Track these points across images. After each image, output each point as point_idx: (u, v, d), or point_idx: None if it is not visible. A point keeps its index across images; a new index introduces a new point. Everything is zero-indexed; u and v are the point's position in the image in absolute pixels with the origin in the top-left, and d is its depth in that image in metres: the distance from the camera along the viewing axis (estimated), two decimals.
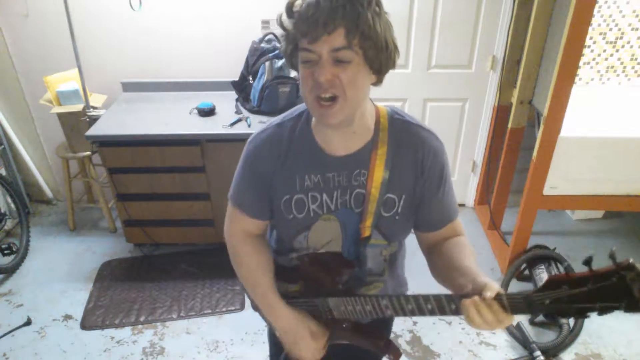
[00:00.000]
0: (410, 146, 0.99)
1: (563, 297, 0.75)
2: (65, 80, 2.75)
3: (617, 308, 0.73)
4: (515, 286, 2.58)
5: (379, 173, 0.98)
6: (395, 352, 1.10)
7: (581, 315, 0.76)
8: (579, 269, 0.76)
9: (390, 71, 0.94)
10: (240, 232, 1.12)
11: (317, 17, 0.80)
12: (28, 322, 2.39)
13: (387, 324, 1.32)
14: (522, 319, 2.35)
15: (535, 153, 2.28)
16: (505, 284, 2.50)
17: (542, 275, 2.41)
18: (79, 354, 2.24)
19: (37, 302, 2.53)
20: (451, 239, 1.06)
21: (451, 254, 1.00)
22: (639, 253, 2.86)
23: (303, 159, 1.01)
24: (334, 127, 0.94)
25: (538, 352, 2.13)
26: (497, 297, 0.80)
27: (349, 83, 0.85)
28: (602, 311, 0.74)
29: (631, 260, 0.70)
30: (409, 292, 1.03)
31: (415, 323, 2.39)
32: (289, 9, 0.86)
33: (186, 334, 2.34)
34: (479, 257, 2.85)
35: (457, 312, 0.87)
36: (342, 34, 0.82)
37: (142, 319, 2.42)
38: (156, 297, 2.55)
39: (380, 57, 0.87)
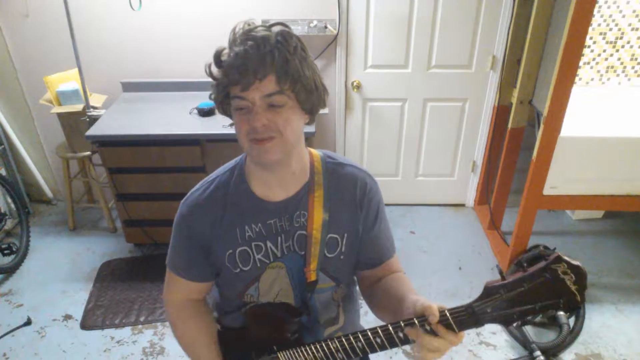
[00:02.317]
0: (345, 186, 1.01)
1: (503, 303, 0.75)
2: (65, 80, 2.75)
3: (558, 306, 0.73)
4: None
5: (318, 215, 0.98)
6: None
7: (524, 318, 0.75)
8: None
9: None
10: (179, 298, 1.10)
11: (247, 65, 0.82)
12: (28, 322, 2.39)
13: None
14: None
15: (535, 153, 2.28)
16: None
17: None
18: (79, 354, 2.24)
19: (37, 302, 2.53)
20: (390, 275, 1.05)
21: (389, 288, 1.00)
22: (639, 253, 2.86)
23: (241, 211, 0.99)
24: (272, 166, 0.94)
25: (538, 352, 2.13)
26: (441, 315, 0.78)
27: (285, 125, 0.87)
28: (544, 310, 0.73)
29: (558, 253, 0.71)
30: None
31: None
32: (217, 59, 0.88)
33: None
34: (479, 257, 2.85)
35: (406, 340, 0.83)
36: (273, 80, 0.84)
37: (142, 319, 2.42)
38: (156, 297, 2.55)
39: (311, 98, 0.90)
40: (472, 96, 2.95)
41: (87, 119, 2.64)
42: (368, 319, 2.42)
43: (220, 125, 2.48)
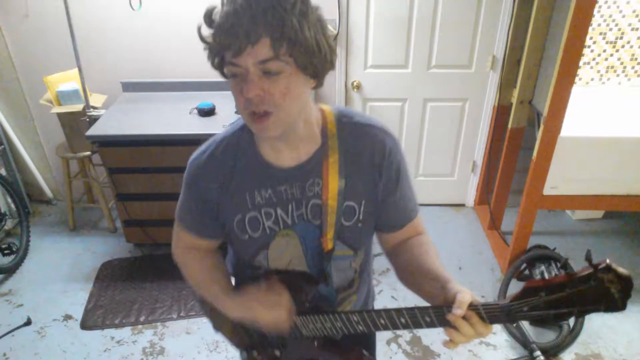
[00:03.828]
0: (363, 149, 0.93)
1: (540, 304, 0.73)
2: (65, 80, 2.75)
3: (597, 310, 0.72)
4: (516, 286, 2.58)
5: (334, 182, 0.92)
6: None
7: (560, 320, 0.75)
8: (580, 268, 0.75)
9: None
10: (186, 247, 1.09)
11: (237, 28, 0.73)
12: (28, 322, 2.39)
13: (367, 338, 1.25)
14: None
15: (535, 153, 2.28)
16: (505, 284, 2.50)
17: (542, 275, 2.41)
18: (79, 354, 2.24)
19: (37, 302, 2.53)
20: (413, 239, 1.02)
21: (416, 257, 0.97)
22: (639, 253, 2.86)
23: (250, 176, 0.94)
24: (275, 139, 0.89)
25: (538, 352, 2.13)
26: (474, 309, 0.77)
27: (282, 96, 0.79)
28: (582, 314, 0.73)
29: (608, 261, 0.69)
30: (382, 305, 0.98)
31: None
32: (208, 17, 0.79)
33: (186, 334, 2.34)
34: (479, 256, 2.85)
35: (432, 324, 0.82)
36: (267, 44, 0.74)
37: (142, 319, 2.42)
38: (156, 297, 2.55)
39: (313, 61, 0.79)
40: (472, 96, 2.95)
41: (87, 119, 2.64)
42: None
43: (220, 125, 2.48)
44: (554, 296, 0.72)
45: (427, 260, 0.95)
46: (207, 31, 0.81)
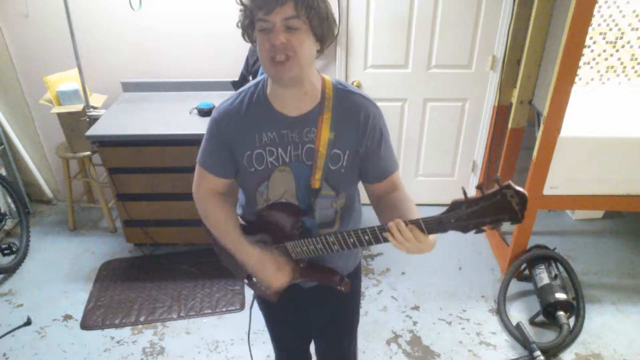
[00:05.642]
0: (351, 112, 1.18)
1: (463, 215, 0.97)
2: (65, 80, 2.75)
3: (504, 220, 0.93)
4: (516, 286, 2.58)
5: (325, 134, 1.16)
6: (346, 284, 1.31)
7: (478, 227, 0.97)
8: (580, 268, 0.76)
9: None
10: (207, 189, 1.29)
11: None
12: (28, 322, 2.40)
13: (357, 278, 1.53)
14: (522, 320, 2.35)
15: (535, 153, 2.28)
16: (505, 284, 2.50)
17: (542, 275, 2.41)
18: (79, 354, 2.24)
19: (37, 302, 2.53)
20: (394, 193, 1.25)
21: (394, 204, 1.22)
22: (639, 253, 2.86)
23: (260, 119, 1.18)
24: (286, 84, 1.11)
25: (538, 352, 2.13)
26: (415, 221, 1.02)
27: (298, 45, 1.04)
28: (493, 222, 0.95)
29: (510, 182, 0.90)
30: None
31: (415, 323, 2.39)
32: None
33: (186, 334, 2.34)
34: (479, 256, 2.85)
35: (370, 242, 1.09)
36: (292, 6, 1.01)
37: (142, 319, 2.42)
38: (156, 297, 2.55)
39: (322, 26, 1.07)
40: (472, 96, 2.95)
41: (87, 119, 2.64)
42: (367, 319, 2.42)
43: None
44: (472, 208, 0.95)
45: (403, 205, 1.19)
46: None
